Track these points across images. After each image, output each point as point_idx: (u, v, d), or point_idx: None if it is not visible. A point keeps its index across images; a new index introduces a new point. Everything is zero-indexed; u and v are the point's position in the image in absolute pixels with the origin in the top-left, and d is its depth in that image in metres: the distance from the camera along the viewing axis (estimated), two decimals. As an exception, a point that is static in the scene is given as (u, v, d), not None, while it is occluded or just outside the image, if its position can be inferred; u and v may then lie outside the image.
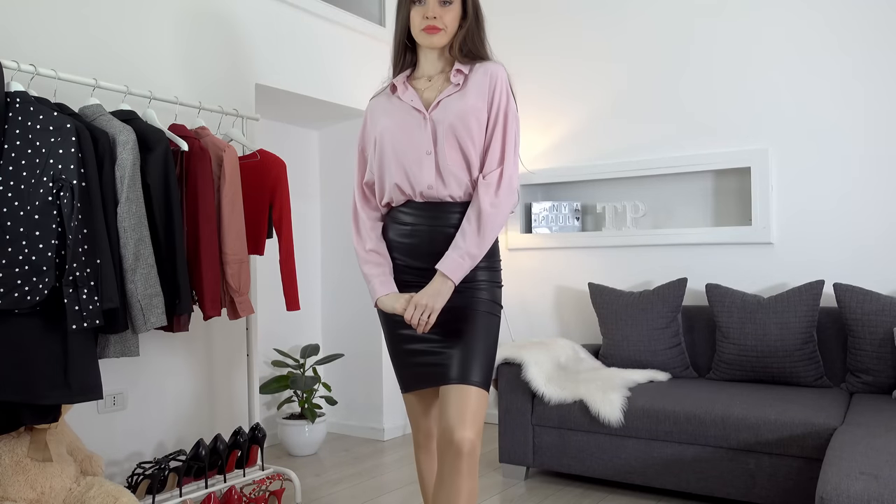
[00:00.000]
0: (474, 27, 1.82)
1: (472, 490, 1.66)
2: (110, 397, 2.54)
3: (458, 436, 1.63)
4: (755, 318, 2.99)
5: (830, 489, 1.65)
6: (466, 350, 1.72)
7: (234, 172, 2.49)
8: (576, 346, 3.31)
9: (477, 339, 1.74)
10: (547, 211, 3.87)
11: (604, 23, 3.82)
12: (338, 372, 4.02)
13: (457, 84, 1.79)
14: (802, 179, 3.27)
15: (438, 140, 1.75)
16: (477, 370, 1.71)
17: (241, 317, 2.52)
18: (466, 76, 1.79)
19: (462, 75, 1.79)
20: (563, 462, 2.89)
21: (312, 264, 4.09)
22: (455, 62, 1.81)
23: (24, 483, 1.97)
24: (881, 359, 2.76)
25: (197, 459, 2.43)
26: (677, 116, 3.59)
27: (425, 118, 1.77)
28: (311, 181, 4.10)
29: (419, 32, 1.78)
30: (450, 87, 1.79)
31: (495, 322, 1.80)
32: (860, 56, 3.14)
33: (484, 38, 1.85)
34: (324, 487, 3.01)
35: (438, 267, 1.70)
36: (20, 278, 1.84)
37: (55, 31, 2.40)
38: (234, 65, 3.03)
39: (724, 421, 2.54)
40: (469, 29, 1.81)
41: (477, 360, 1.72)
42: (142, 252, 2.12)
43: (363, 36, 3.76)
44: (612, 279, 3.75)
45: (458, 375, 1.69)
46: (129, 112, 2.29)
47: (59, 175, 1.92)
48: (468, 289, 1.77)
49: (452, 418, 1.66)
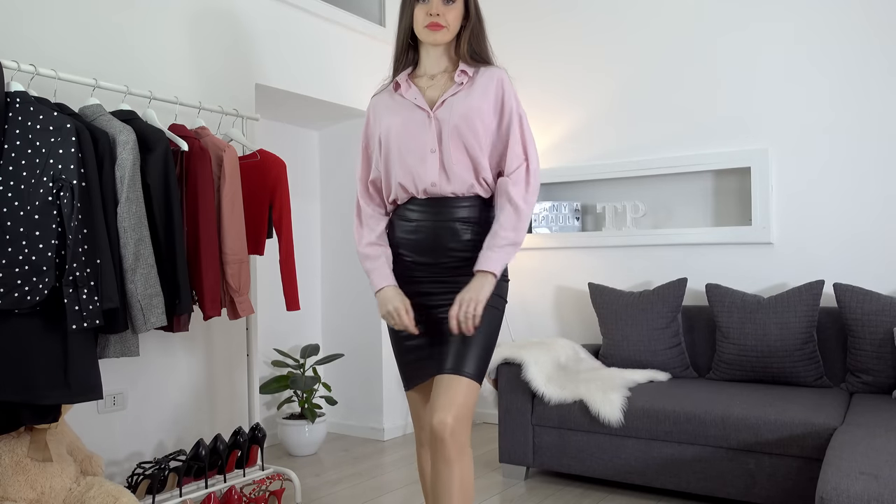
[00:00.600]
0: (477, 27, 1.85)
1: (464, 478, 1.65)
2: (110, 397, 2.54)
3: (436, 419, 1.63)
4: (755, 318, 2.99)
5: (830, 489, 1.65)
6: (463, 342, 1.72)
7: (234, 172, 2.49)
8: (576, 346, 3.31)
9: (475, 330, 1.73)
10: (547, 211, 3.87)
11: (604, 23, 3.81)
12: (338, 372, 4.02)
13: (460, 84, 1.80)
14: (802, 179, 3.27)
15: (443, 139, 1.77)
16: (471, 362, 1.70)
17: (241, 317, 2.52)
18: (471, 78, 1.82)
19: (466, 76, 1.81)
20: (563, 462, 2.89)
21: (312, 264, 4.09)
22: (460, 63, 1.84)
23: (24, 483, 1.97)
24: (881, 359, 2.76)
25: (197, 459, 2.43)
26: (677, 116, 3.59)
27: (430, 117, 1.79)
28: (311, 181, 4.10)
29: (422, 29, 1.80)
30: (453, 87, 1.81)
31: (497, 315, 1.79)
32: (860, 56, 3.14)
33: (486, 38, 1.88)
34: (324, 487, 3.01)
35: (475, 269, 1.72)
36: (20, 278, 1.84)
37: (55, 31, 2.40)
38: (234, 65, 3.03)
39: (724, 421, 2.54)
40: (473, 29, 1.83)
41: (473, 351, 1.71)
42: (142, 252, 2.12)
43: (363, 36, 3.76)
44: (612, 279, 3.75)
45: (452, 366, 1.69)
46: (129, 112, 2.29)
47: (59, 175, 1.92)
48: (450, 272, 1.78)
49: (437, 406, 1.66)
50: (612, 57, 3.79)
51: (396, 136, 1.80)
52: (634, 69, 3.72)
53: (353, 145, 3.96)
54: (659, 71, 3.64)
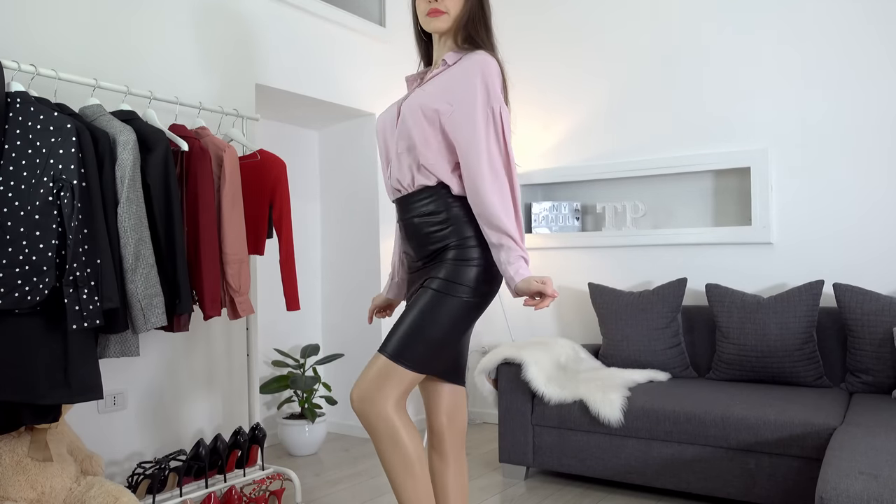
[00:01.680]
0: (478, 12, 1.78)
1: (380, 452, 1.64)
2: (110, 397, 2.54)
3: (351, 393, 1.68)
4: (755, 318, 2.99)
5: (830, 489, 1.65)
6: (397, 323, 1.68)
7: (235, 172, 2.49)
8: (576, 345, 3.31)
9: (409, 313, 1.66)
10: (547, 211, 3.87)
11: (604, 23, 3.82)
12: (338, 372, 4.02)
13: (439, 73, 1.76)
14: (802, 179, 3.27)
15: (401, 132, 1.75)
16: (394, 342, 1.64)
17: (241, 317, 2.52)
18: (450, 65, 1.75)
19: (445, 64, 1.76)
20: (563, 462, 2.90)
21: (312, 264, 4.09)
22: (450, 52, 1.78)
23: (24, 483, 1.97)
24: (881, 359, 2.76)
25: (197, 459, 2.43)
26: (677, 116, 3.59)
27: (398, 113, 1.79)
28: (311, 181, 4.11)
29: (424, 18, 1.79)
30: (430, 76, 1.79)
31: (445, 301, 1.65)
32: (861, 55, 3.14)
33: (488, 24, 1.81)
34: (324, 487, 3.01)
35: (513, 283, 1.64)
36: (20, 278, 1.84)
37: (55, 31, 2.40)
38: (234, 65, 3.04)
39: (723, 421, 2.54)
40: (472, 13, 1.77)
41: (398, 332, 1.65)
42: (142, 252, 2.12)
43: (363, 36, 3.76)
44: (612, 279, 3.75)
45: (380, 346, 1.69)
46: (129, 112, 2.29)
47: (59, 175, 1.92)
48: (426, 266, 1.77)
49: None
50: (611, 57, 3.79)
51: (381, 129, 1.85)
52: (634, 69, 3.72)
53: (353, 145, 3.96)
54: (659, 71, 3.64)
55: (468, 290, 1.67)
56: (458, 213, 1.71)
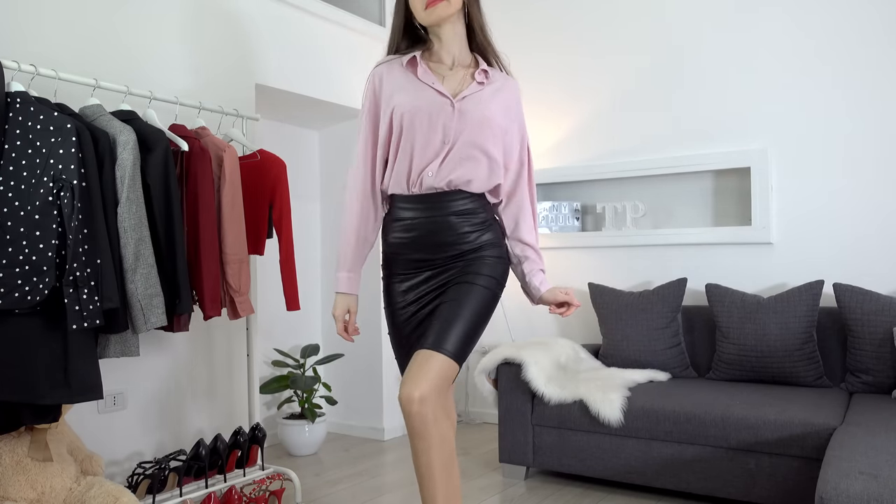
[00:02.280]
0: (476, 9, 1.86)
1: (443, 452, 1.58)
2: (110, 397, 2.54)
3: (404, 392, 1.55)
4: (755, 318, 2.99)
5: (830, 489, 1.65)
6: (448, 320, 1.65)
7: (235, 172, 2.49)
8: (576, 345, 3.31)
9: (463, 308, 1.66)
10: (547, 211, 3.87)
11: (604, 23, 3.82)
12: (338, 372, 4.02)
13: (480, 83, 1.79)
14: (802, 179, 3.27)
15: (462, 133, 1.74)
16: (452, 340, 1.62)
17: (241, 317, 2.52)
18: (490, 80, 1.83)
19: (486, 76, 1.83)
20: (563, 462, 2.90)
21: (312, 264, 4.09)
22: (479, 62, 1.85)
23: (24, 483, 1.97)
24: (881, 359, 2.76)
25: (197, 459, 2.43)
26: (677, 116, 3.59)
27: (453, 107, 1.74)
28: (311, 181, 4.11)
29: (422, 13, 1.74)
30: (474, 85, 1.79)
31: (486, 296, 1.72)
32: (861, 55, 3.14)
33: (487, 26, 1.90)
34: (324, 487, 3.01)
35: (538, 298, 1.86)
36: (20, 278, 1.84)
37: (55, 31, 2.40)
38: (234, 65, 3.04)
39: (723, 421, 2.54)
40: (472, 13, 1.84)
41: (455, 330, 1.63)
42: (142, 252, 2.12)
43: (363, 36, 3.76)
44: (612, 279, 3.75)
45: (431, 343, 1.62)
46: (129, 112, 2.29)
47: (59, 175, 1.92)
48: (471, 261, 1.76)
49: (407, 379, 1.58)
50: (611, 57, 3.79)
51: (411, 119, 1.73)
52: (634, 69, 3.72)
53: (353, 145, 3.96)
54: (659, 71, 3.64)
55: (502, 287, 1.80)
56: (492, 213, 1.87)
